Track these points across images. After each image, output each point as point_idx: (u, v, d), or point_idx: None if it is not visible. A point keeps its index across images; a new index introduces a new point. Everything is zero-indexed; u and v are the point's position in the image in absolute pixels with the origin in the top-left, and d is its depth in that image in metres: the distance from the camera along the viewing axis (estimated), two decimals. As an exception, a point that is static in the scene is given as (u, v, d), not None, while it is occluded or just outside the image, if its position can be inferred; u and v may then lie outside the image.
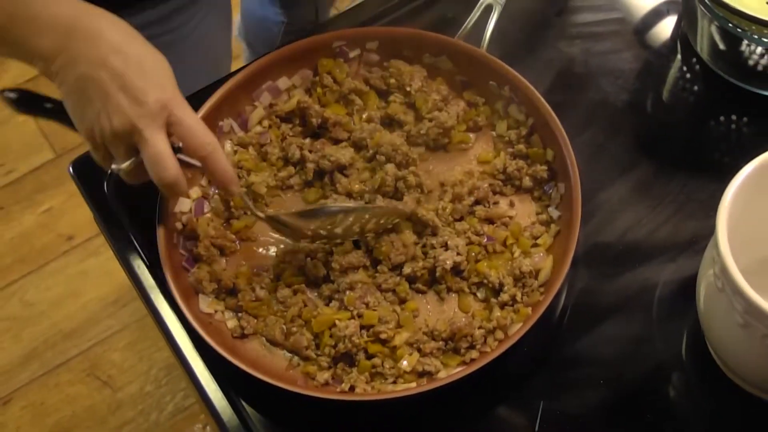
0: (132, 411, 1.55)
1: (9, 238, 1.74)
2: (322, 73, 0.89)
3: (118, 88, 0.68)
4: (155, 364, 1.59)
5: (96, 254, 1.70)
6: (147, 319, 1.25)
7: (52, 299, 1.67)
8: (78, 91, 0.69)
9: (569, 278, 0.79)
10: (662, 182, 0.85)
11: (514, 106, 0.85)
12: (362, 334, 0.76)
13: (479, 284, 0.79)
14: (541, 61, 0.93)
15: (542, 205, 0.82)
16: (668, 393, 0.76)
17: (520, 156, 0.84)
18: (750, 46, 0.85)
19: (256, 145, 0.87)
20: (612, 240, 0.82)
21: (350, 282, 0.78)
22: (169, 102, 0.70)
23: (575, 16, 0.97)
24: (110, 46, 0.69)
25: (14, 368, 1.61)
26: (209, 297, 0.78)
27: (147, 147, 0.69)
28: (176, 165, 0.71)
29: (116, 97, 0.68)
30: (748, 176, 0.67)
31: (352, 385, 0.74)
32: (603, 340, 0.78)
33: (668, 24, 0.95)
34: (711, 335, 0.72)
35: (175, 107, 0.70)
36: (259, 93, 0.88)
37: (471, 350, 0.75)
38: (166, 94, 0.70)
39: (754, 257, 0.73)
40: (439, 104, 0.86)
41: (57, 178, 1.78)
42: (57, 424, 1.55)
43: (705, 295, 0.70)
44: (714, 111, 0.89)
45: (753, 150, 0.70)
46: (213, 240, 0.81)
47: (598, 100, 0.90)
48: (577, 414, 0.74)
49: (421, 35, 0.88)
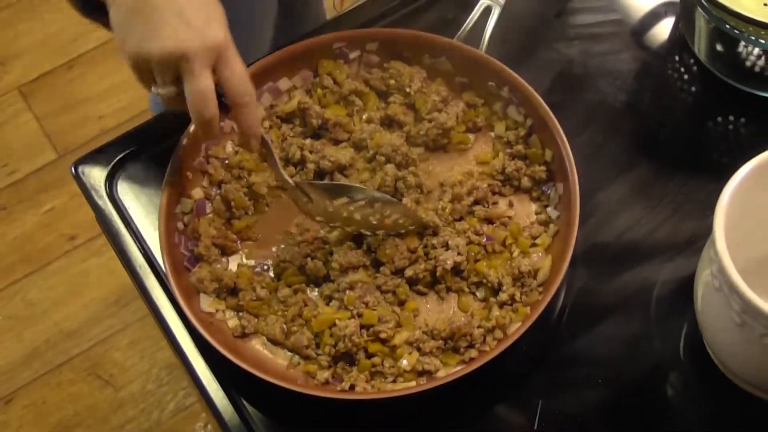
0: (133, 410, 1.55)
1: (11, 238, 1.74)
2: (322, 74, 0.89)
3: (175, 14, 0.67)
4: (156, 364, 1.59)
5: (98, 254, 1.70)
6: (148, 319, 1.25)
7: (54, 299, 1.67)
8: (133, 11, 0.68)
9: (568, 278, 0.79)
10: (660, 182, 0.85)
11: (513, 107, 0.86)
12: (362, 333, 0.76)
13: (478, 284, 0.79)
14: (539, 62, 0.93)
15: (541, 205, 0.83)
16: (666, 392, 0.77)
17: (519, 156, 0.85)
18: (747, 48, 0.85)
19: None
20: (610, 240, 0.83)
21: (350, 282, 0.78)
22: (223, 42, 0.70)
23: (574, 18, 0.97)
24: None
25: (16, 367, 1.61)
26: (210, 296, 0.79)
27: (193, 80, 0.69)
28: (216, 104, 0.71)
29: (173, 22, 0.67)
30: (745, 176, 0.67)
31: (352, 384, 0.74)
32: (601, 339, 0.78)
33: (666, 25, 0.96)
34: (709, 335, 0.73)
35: (227, 49, 0.70)
36: (260, 94, 0.88)
37: (470, 349, 0.75)
38: (222, 33, 0.70)
39: (752, 257, 0.73)
40: (438, 105, 0.87)
41: (59, 179, 1.79)
42: (59, 423, 1.55)
43: (703, 295, 0.71)
44: (712, 112, 0.89)
45: (750, 150, 0.71)
46: (214, 240, 0.81)
47: (597, 100, 0.90)
48: (576, 413, 0.75)
49: (420, 36, 0.88)
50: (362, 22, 0.94)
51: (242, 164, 0.85)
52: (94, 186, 0.87)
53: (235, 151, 0.87)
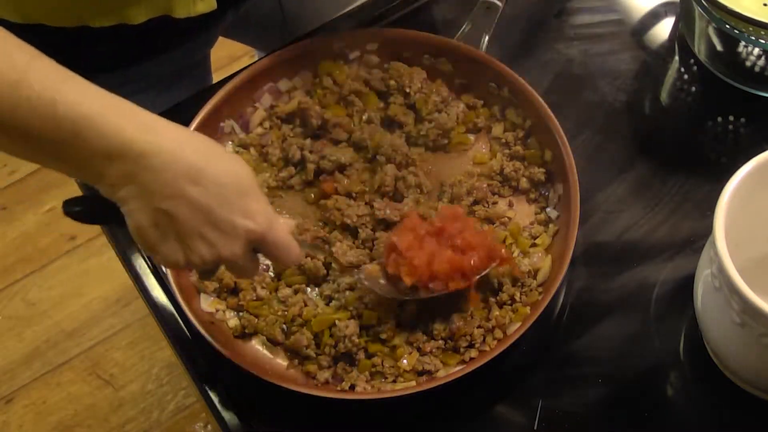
0: (133, 410, 1.55)
1: (12, 237, 1.75)
2: (322, 75, 0.89)
3: (203, 222, 0.62)
4: (157, 363, 1.59)
5: (98, 254, 1.70)
6: (148, 319, 1.25)
7: (55, 299, 1.67)
8: (155, 226, 0.62)
9: (567, 278, 0.79)
10: (660, 182, 0.85)
11: (512, 108, 0.86)
12: (362, 333, 0.76)
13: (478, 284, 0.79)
14: (539, 62, 0.93)
15: (540, 206, 0.83)
16: (666, 391, 0.77)
17: (517, 158, 0.85)
18: (747, 48, 0.85)
19: (257, 146, 0.87)
20: (610, 240, 0.83)
21: (350, 282, 0.78)
22: (260, 230, 0.64)
23: (574, 18, 0.97)
24: (186, 173, 0.60)
25: (17, 367, 1.61)
26: (210, 296, 0.79)
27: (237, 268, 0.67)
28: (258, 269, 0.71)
29: (203, 233, 0.62)
30: (745, 176, 0.67)
31: (352, 384, 0.74)
32: (601, 339, 0.78)
33: (666, 25, 0.96)
34: (708, 334, 0.73)
35: (266, 234, 0.65)
36: (260, 94, 0.88)
37: (470, 349, 0.75)
38: (255, 222, 0.64)
39: (751, 256, 0.73)
40: (438, 105, 0.87)
41: (60, 178, 1.76)
42: (59, 422, 1.55)
43: (702, 294, 0.71)
44: (711, 112, 0.89)
45: (750, 150, 0.71)
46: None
47: (597, 101, 0.90)
48: (576, 412, 0.75)
49: (420, 37, 0.88)
50: (362, 22, 0.94)
51: (242, 164, 0.85)
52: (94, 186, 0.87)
53: (235, 152, 0.87)
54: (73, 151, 0.59)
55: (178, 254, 0.63)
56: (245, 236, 0.64)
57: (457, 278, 0.74)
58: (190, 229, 0.62)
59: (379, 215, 0.81)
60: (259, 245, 0.66)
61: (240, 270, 0.67)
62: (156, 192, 0.60)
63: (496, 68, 0.85)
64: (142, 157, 0.59)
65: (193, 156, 0.61)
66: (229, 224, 0.63)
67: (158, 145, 0.60)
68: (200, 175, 0.61)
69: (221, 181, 0.62)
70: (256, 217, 0.64)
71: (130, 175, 0.59)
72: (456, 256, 0.74)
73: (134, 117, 0.60)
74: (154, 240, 0.63)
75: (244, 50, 1.75)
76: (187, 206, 0.61)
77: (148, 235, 0.62)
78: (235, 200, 0.63)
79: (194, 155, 0.61)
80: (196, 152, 0.62)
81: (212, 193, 0.61)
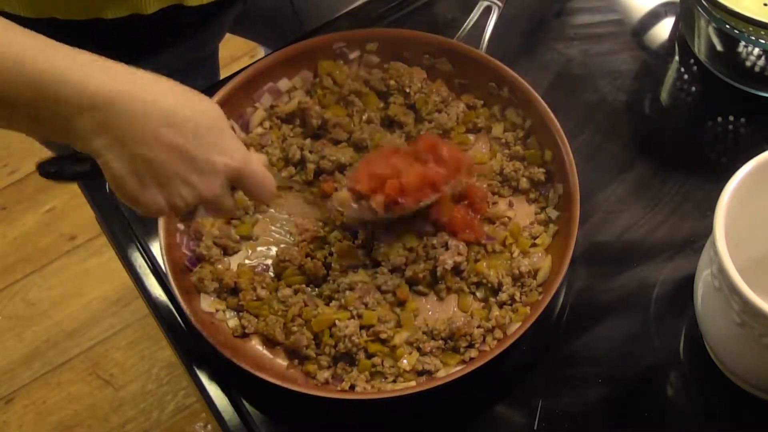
0: (133, 410, 1.55)
1: (12, 237, 1.75)
2: (322, 75, 0.89)
3: (180, 163, 0.62)
4: (157, 363, 1.59)
5: (98, 254, 1.70)
6: (148, 319, 1.25)
7: (55, 299, 1.67)
8: (133, 174, 0.62)
9: (567, 278, 0.79)
10: (660, 182, 0.85)
11: (512, 108, 0.86)
12: (362, 333, 0.76)
13: (478, 284, 0.79)
14: (539, 62, 0.93)
15: (540, 206, 0.83)
16: (666, 391, 0.77)
17: (517, 158, 0.85)
18: (747, 48, 0.85)
19: (257, 146, 0.87)
20: (610, 240, 0.83)
21: (350, 282, 0.78)
22: (237, 165, 0.66)
23: (573, 18, 0.97)
24: (159, 117, 0.61)
25: (17, 367, 1.61)
26: (211, 296, 0.79)
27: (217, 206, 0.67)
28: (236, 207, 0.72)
29: (182, 174, 0.63)
30: (745, 176, 0.67)
31: (352, 384, 0.74)
32: (601, 339, 0.78)
33: (666, 25, 0.96)
34: (708, 334, 0.73)
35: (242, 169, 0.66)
36: (260, 94, 0.88)
37: (470, 349, 0.75)
38: (231, 156, 0.65)
39: (752, 257, 0.73)
40: (438, 105, 0.87)
41: (59, 178, 1.78)
42: (59, 422, 1.56)
43: (702, 295, 0.71)
44: (711, 112, 0.89)
45: (750, 150, 0.71)
46: (216, 239, 0.81)
47: (596, 101, 0.90)
48: (576, 412, 0.75)
49: (420, 37, 0.88)
50: (362, 22, 0.94)
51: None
52: (95, 186, 0.87)
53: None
54: (43, 107, 0.58)
55: (160, 200, 0.63)
56: (223, 173, 0.65)
57: (426, 190, 0.75)
58: (168, 171, 0.62)
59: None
60: (237, 180, 0.67)
61: (219, 209, 0.68)
62: (130, 138, 0.60)
63: (496, 68, 0.85)
64: (112, 104, 0.59)
65: (164, 99, 0.62)
66: (207, 162, 0.63)
67: (128, 92, 0.60)
68: (173, 117, 0.61)
69: (195, 121, 0.63)
70: (232, 154, 0.65)
71: (103, 124, 0.59)
72: (422, 167, 0.75)
73: (101, 67, 0.60)
74: (134, 189, 0.62)
75: (244, 50, 1.75)
76: (164, 149, 0.61)
77: (127, 185, 0.62)
78: (211, 139, 0.64)
79: (165, 98, 0.62)
80: (166, 95, 0.62)
81: (187, 134, 0.62)
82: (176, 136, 0.62)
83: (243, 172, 0.66)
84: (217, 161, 0.64)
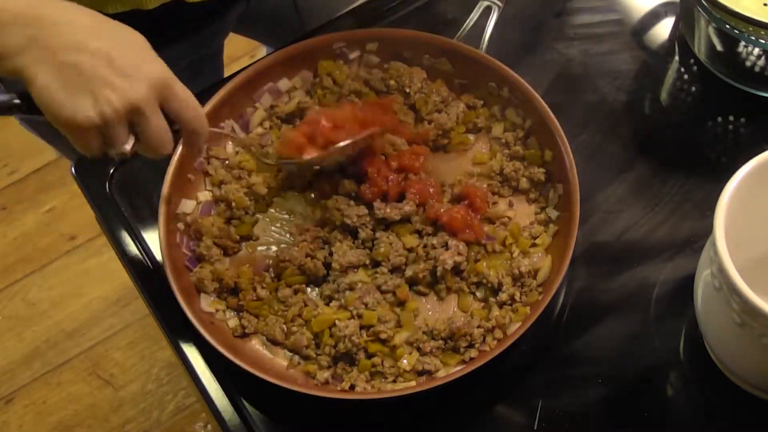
0: (133, 410, 1.56)
1: (12, 237, 1.75)
2: (322, 75, 0.89)
3: (107, 67, 0.64)
4: (157, 363, 1.59)
5: (98, 254, 1.71)
6: (148, 319, 1.25)
7: (55, 299, 1.67)
8: (60, 81, 0.63)
9: (567, 278, 0.79)
10: (660, 182, 0.85)
11: (512, 108, 0.86)
12: (362, 333, 0.76)
13: (478, 284, 0.79)
14: (539, 62, 0.93)
15: (540, 206, 0.83)
16: (666, 391, 0.77)
17: (517, 158, 0.85)
18: (747, 48, 0.85)
19: (257, 146, 0.87)
20: (610, 240, 0.83)
21: (350, 282, 0.78)
22: (166, 76, 0.67)
23: (574, 18, 0.97)
24: (85, 29, 0.64)
25: (17, 367, 1.61)
26: (210, 296, 0.79)
27: (149, 124, 0.67)
28: (172, 138, 0.70)
29: (109, 78, 0.64)
30: (745, 176, 0.67)
31: (352, 384, 0.74)
32: (601, 338, 0.78)
33: (666, 25, 0.96)
34: (708, 334, 0.73)
35: (171, 80, 0.67)
36: (260, 94, 0.88)
37: (470, 349, 0.76)
38: (160, 66, 0.67)
39: (752, 257, 0.73)
40: (438, 105, 0.87)
41: (60, 179, 1.79)
42: (59, 422, 1.56)
43: (702, 294, 0.71)
44: (711, 112, 0.89)
45: (750, 150, 0.71)
46: (216, 240, 0.81)
47: (597, 101, 0.90)
48: (576, 412, 0.75)
49: (420, 37, 0.88)
50: (362, 22, 0.94)
51: (242, 165, 0.85)
52: (95, 186, 0.87)
53: (236, 152, 0.87)
54: None
55: (88, 107, 0.63)
56: (149, 79, 0.65)
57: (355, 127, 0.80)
58: (95, 76, 0.63)
59: (379, 215, 0.81)
60: (166, 95, 0.67)
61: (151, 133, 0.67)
62: (58, 46, 0.63)
63: (496, 68, 0.85)
64: (41, 18, 0.63)
65: (91, 17, 0.65)
66: (133, 67, 0.65)
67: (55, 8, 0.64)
68: (100, 30, 0.65)
69: (122, 35, 0.66)
70: (159, 67, 0.67)
71: (30, 38, 0.62)
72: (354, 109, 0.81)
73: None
74: (62, 98, 0.63)
75: (244, 50, 1.75)
76: (91, 55, 0.63)
77: (54, 94, 0.63)
78: (137, 51, 0.66)
79: (92, 17, 0.65)
80: (94, 15, 0.66)
81: (114, 43, 0.65)
82: (104, 44, 0.64)
83: (171, 85, 0.67)
84: (142, 67, 0.65)
